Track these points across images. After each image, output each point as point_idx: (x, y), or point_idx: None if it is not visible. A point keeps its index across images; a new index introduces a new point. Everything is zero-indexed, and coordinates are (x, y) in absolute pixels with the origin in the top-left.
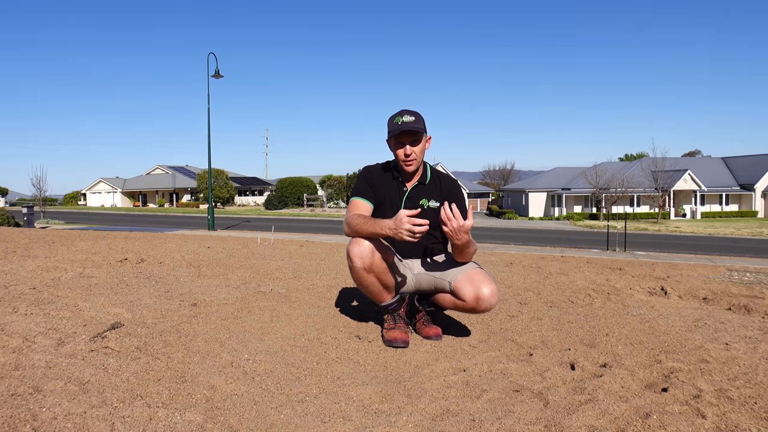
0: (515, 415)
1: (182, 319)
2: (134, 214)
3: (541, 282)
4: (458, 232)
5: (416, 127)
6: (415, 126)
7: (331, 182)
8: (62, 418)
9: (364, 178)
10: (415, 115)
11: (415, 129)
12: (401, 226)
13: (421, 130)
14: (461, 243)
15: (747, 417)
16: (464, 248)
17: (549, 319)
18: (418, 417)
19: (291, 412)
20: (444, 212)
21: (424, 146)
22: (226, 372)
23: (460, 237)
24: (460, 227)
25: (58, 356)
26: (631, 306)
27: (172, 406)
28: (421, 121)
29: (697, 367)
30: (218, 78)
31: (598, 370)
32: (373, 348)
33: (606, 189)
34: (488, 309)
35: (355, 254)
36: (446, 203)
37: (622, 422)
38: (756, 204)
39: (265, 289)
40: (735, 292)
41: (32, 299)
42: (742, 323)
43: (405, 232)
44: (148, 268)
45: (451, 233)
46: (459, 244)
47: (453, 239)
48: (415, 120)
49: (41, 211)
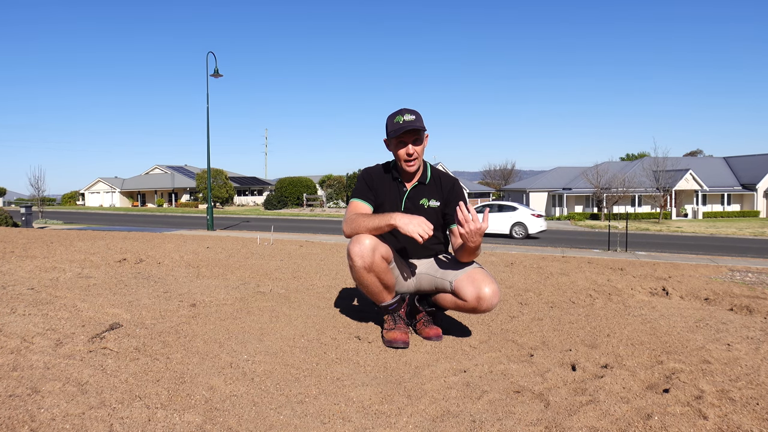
0: (516, 416)
1: (181, 319)
2: (133, 214)
3: (541, 282)
4: (474, 234)
5: (418, 126)
6: (416, 124)
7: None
8: (60, 419)
9: (363, 180)
10: (415, 114)
11: (417, 127)
12: (419, 223)
13: (423, 128)
14: (475, 245)
15: (749, 418)
16: (476, 249)
17: (550, 319)
18: (419, 418)
19: (290, 413)
20: (461, 214)
21: (424, 145)
22: (226, 373)
23: (475, 239)
24: (477, 229)
25: (56, 357)
26: (632, 306)
27: (170, 407)
28: (421, 119)
29: (698, 368)
30: (217, 77)
31: (599, 371)
32: (373, 349)
33: (607, 189)
34: (489, 309)
35: (355, 253)
36: (461, 203)
37: (624, 423)
38: (758, 204)
39: (265, 289)
40: (737, 293)
41: (30, 300)
42: (744, 324)
43: (419, 229)
44: (147, 268)
45: (467, 235)
46: (473, 246)
47: (468, 241)
48: (416, 119)
49: (39, 211)
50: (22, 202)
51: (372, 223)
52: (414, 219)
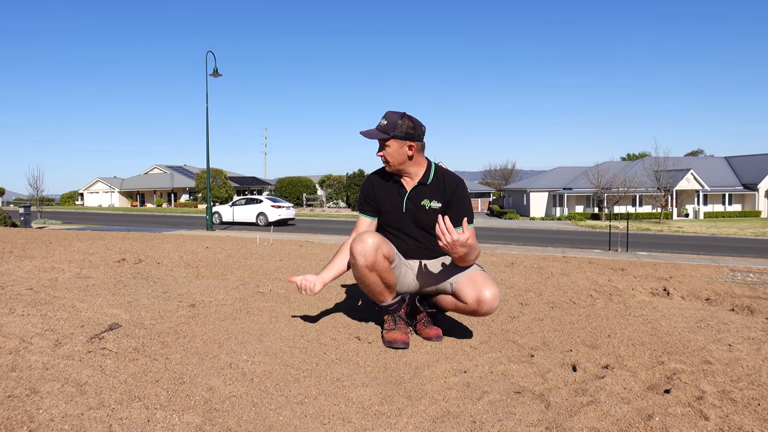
0: (516, 417)
1: (180, 320)
2: (132, 214)
3: (542, 283)
4: (454, 245)
5: (369, 136)
6: (369, 133)
7: (331, 182)
8: (59, 419)
9: (364, 190)
10: (387, 119)
11: (368, 137)
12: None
13: (376, 137)
14: (458, 256)
15: (750, 419)
16: (464, 258)
17: (550, 320)
18: (419, 419)
19: (290, 413)
20: (438, 227)
21: (401, 150)
22: (225, 373)
23: (456, 251)
24: (455, 242)
25: (55, 357)
26: (633, 307)
27: (170, 408)
28: (387, 126)
29: (699, 369)
30: (217, 77)
31: (600, 372)
32: (373, 349)
33: (608, 189)
34: (489, 312)
35: (357, 252)
36: (440, 217)
37: (625, 424)
38: (759, 204)
39: (264, 289)
40: (738, 293)
41: (29, 300)
42: (746, 324)
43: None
44: (146, 268)
45: (447, 247)
46: (456, 257)
47: (450, 252)
48: (378, 125)
49: (38, 211)
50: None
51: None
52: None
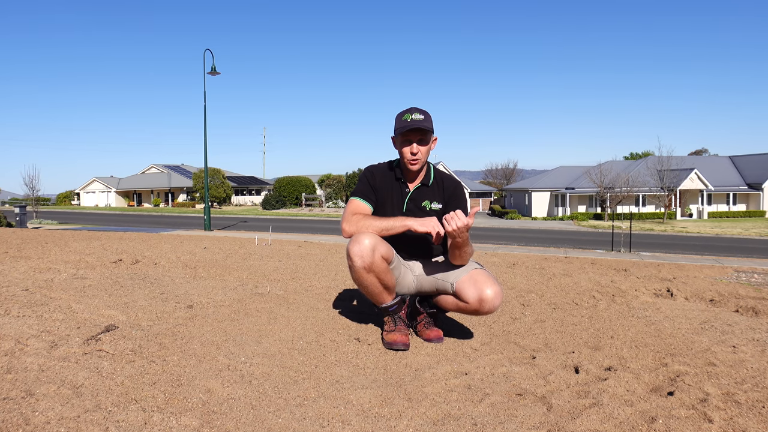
0: (518, 420)
1: (178, 321)
2: (129, 214)
3: (544, 283)
4: (460, 231)
5: (425, 126)
6: (424, 124)
7: (330, 181)
8: (55, 422)
9: (366, 178)
10: (425, 114)
11: (423, 127)
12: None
13: (430, 130)
14: (462, 240)
15: (755, 421)
16: (462, 246)
17: (552, 321)
18: (419, 421)
19: (289, 416)
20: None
21: (430, 147)
22: (223, 375)
23: (462, 236)
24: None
25: (51, 359)
26: (636, 308)
27: (167, 411)
28: (430, 120)
29: (703, 371)
30: (214, 75)
31: (602, 374)
32: (373, 351)
33: (611, 188)
34: (492, 311)
35: (355, 253)
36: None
37: (628, 427)
38: (764, 204)
39: (263, 290)
40: (742, 294)
41: (25, 301)
42: (750, 325)
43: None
44: (143, 269)
45: (454, 232)
46: (459, 241)
47: (455, 237)
48: (425, 119)
49: (34, 211)
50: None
51: (384, 224)
52: (428, 219)
